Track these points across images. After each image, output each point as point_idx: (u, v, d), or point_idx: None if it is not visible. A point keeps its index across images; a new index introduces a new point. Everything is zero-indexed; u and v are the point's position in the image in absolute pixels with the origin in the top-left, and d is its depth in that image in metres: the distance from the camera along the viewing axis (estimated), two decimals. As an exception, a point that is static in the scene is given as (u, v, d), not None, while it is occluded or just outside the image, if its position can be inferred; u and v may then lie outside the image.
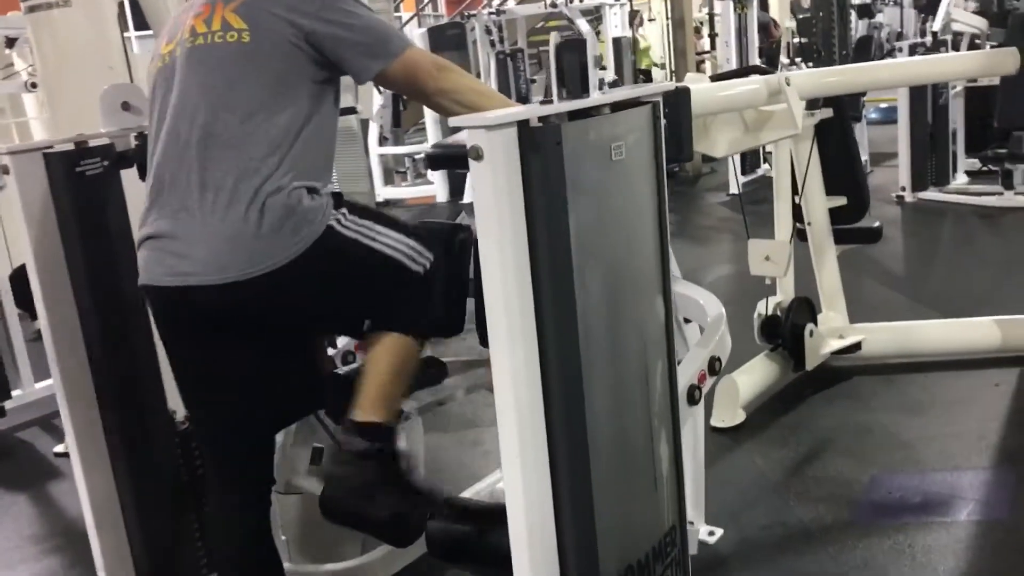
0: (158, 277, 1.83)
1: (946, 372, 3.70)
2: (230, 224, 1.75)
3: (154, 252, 1.84)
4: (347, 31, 1.80)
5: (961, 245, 6.10)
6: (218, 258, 1.75)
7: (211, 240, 1.76)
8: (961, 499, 2.76)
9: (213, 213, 1.76)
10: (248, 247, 1.74)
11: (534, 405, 1.49)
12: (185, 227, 1.79)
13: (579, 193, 1.46)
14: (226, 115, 1.78)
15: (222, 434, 2.03)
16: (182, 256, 1.78)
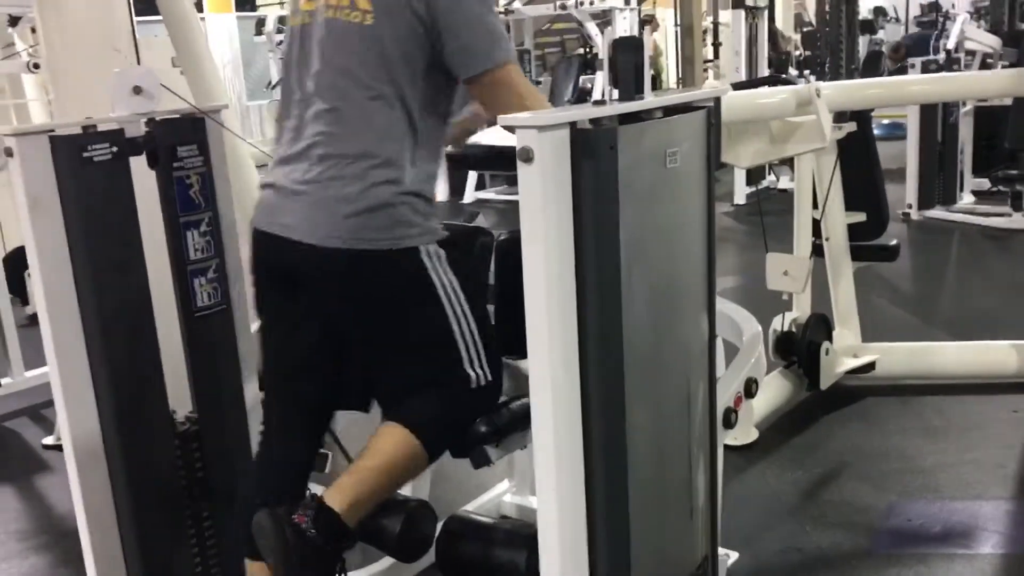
0: (264, 223, 1.95)
1: (962, 396, 3.62)
2: (334, 193, 1.82)
3: (270, 201, 1.95)
4: (463, 23, 1.79)
5: (970, 266, 6.03)
6: (313, 220, 1.84)
7: (315, 203, 1.85)
8: (983, 530, 2.68)
9: (324, 183, 1.84)
10: (340, 219, 1.81)
11: (572, 424, 1.40)
12: (297, 187, 1.88)
13: (631, 201, 1.36)
14: (355, 92, 1.85)
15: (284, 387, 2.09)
16: (287, 210, 1.89)
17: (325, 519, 1.78)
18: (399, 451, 1.86)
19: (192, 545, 2.33)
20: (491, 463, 2.01)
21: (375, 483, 1.85)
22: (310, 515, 1.77)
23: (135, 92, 2.21)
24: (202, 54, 3.62)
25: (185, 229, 2.22)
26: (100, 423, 2.14)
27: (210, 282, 2.28)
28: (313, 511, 1.78)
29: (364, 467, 1.86)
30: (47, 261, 2.05)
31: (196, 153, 2.22)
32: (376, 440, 1.89)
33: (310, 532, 1.75)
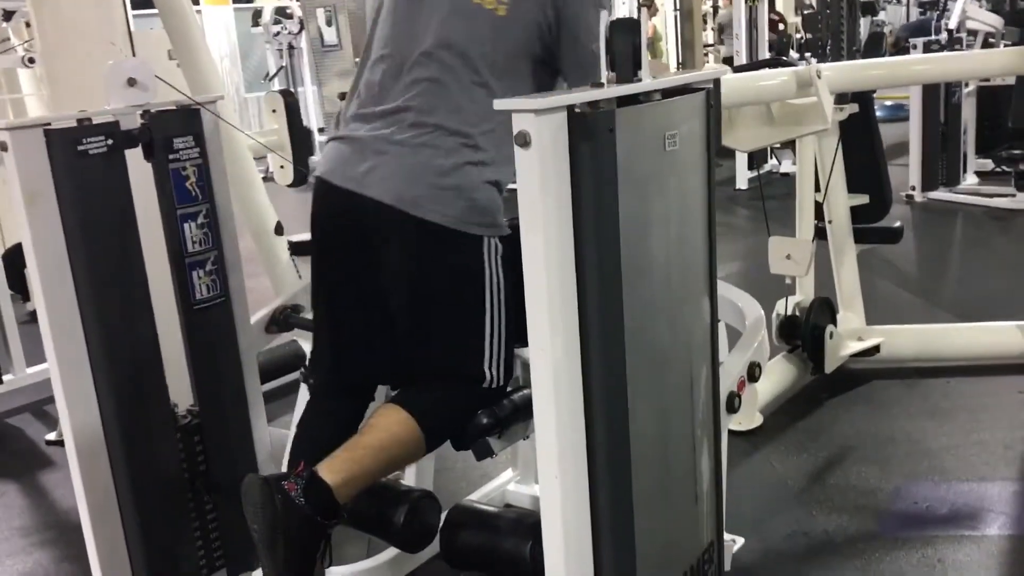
0: (338, 176, 1.96)
1: (967, 378, 3.60)
2: (424, 161, 1.86)
3: (343, 153, 1.97)
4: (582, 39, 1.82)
5: (974, 247, 6.00)
6: (395, 182, 1.87)
7: (401, 165, 1.87)
8: (991, 512, 2.67)
9: (414, 147, 1.87)
10: (424, 187, 1.85)
11: (574, 410, 1.39)
12: (382, 145, 1.90)
13: (630, 185, 1.35)
14: (463, 71, 1.87)
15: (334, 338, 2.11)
16: (367, 167, 1.90)
17: (316, 490, 1.76)
18: (398, 434, 1.86)
19: (196, 538, 2.32)
20: (494, 455, 2.00)
21: (370, 463, 1.84)
22: (301, 484, 1.75)
23: (130, 84, 2.19)
24: (198, 46, 3.59)
25: (182, 221, 2.20)
26: (101, 418, 2.13)
27: (208, 274, 2.26)
28: (305, 481, 1.76)
29: (361, 445, 1.86)
30: (44, 256, 2.03)
31: (192, 145, 2.20)
32: (376, 420, 1.89)
33: (299, 500, 1.74)
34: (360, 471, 1.82)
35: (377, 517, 2.02)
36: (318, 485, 1.76)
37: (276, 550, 1.72)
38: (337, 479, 1.78)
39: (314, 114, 10.69)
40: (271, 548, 1.72)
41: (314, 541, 1.78)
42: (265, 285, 4.01)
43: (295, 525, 1.73)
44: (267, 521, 1.72)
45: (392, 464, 1.91)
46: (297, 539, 1.74)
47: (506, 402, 1.93)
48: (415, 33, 1.93)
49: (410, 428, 1.86)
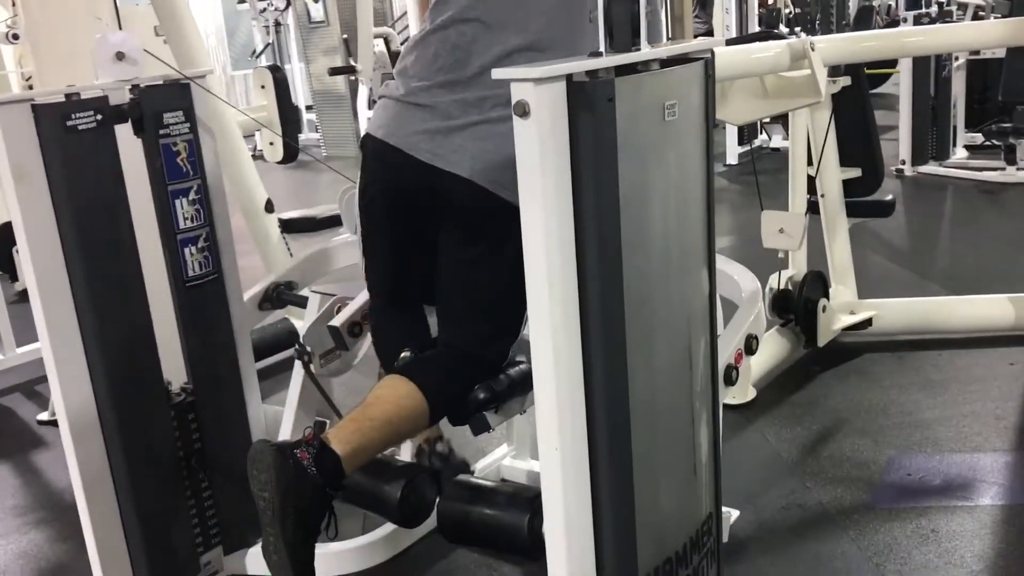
0: (395, 136, 1.92)
1: (959, 350, 3.61)
2: (478, 128, 1.84)
3: (401, 113, 1.93)
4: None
5: (964, 220, 6.02)
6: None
7: (455, 131, 1.85)
8: (983, 482, 2.68)
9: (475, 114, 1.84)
10: (498, 161, 1.80)
11: (574, 382, 1.38)
12: (443, 110, 1.87)
13: (630, 155, 1.33)
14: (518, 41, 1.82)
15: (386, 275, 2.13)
16: (424, 130, 1.88)
17: (327, 460, 1.76)
18: (404, 407, 1.86)
19: (191, 516, 2.32)
20: (491, 429, 2.00)
21: (377, 435, 1.84)
22: (312, 453, 1.75)
23: (118, 58, 2.16)
24: (185, 22, 3.55)
25: (174, 198, 2.18)
26: (94, 396, 2.12)
27: (201, 251, 2.25)
28: (316, 450, 1.76)
29: (368, 417, 1.85)
30: (34, 233, 2.01)
31: (183, 120, 2.18)
32: (383, 392, 1.89)
33: (311, 470, 1.74)
34: (367, 443, 1.82)
35: (374, 493, 2.02)
36: (329, 456, 1.76)
37: (286, 518, 1.72)
38: (346, 449, 1.78)
39: (302, 91, 10.61)
40: (281, 517, 1.71)
41: (322, 510, 1.78)
42: (256, 263, 3.99)
43: (306, 493, 1.73)
44: (279, 488, 1.71)
45: (398, 436, 1.92)
46: (307, 508, 1.74)
47: (503, 376, 1.93)
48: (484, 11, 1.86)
49: (417, 401, 1.86)
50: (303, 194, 7.54)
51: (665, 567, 1.53)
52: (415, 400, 1.86)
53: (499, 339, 1.94)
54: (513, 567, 2.43)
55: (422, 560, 2.50)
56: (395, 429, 1.88)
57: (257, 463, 1.75)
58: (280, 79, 3.85)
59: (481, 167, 1.84)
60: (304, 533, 1.75)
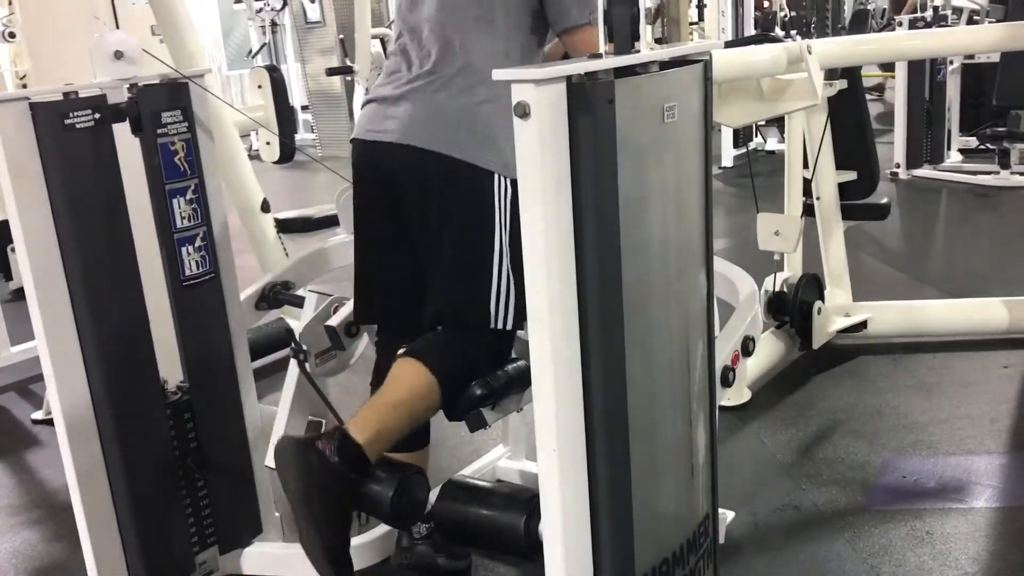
0: (367, 133, 2.08)
1: (953, 353, 3.62)
2: (437, 103, 1.97)
3: (370, 112, 2.10)
4: None
5: (959, 224, 6.04)
6: (412, 125, 1.98)
7: (415, 110, 1.99)
8: (978, 485, 2.69)
9: (430, 92, 1.98)
10: (437, 126, 1.95)
11: (572, 382, 1.38)
12: (404, 99, 2.02)
13: (629, 157, 1.34)
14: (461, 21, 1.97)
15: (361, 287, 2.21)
16: (390, 117, 2.02)
17: (348, 448, 1.81)
18: (415, 387, 1.91)
19: (187, 515, 2.31)
20: (487, 426, 2.00)
21: (394, 418, 1.90)
22: (334, 444, 1.81)
23: (116, 57, 2.16)
24: (183, 21, 3.55)
25: (171, 197, 2.18)
26: (91, 395, 2.11)
27: (198, 250, 2.25)
28: (337, 441, 1.81)
29: (383, 402, 1.92)
30: (31, 231, 2.01)
31: (180, 119, 2.18)
32: (394, 374, 1.94)
33: (333, 459, 1.79)
34: (385, 427, 1.88)
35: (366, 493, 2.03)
36: (350, 444, 1.83)
37: (313, 508, 1.77)
38: (366, 436, 1.84)
39: (297, 91, 10.60)
40: (308, 506, 1.77)
41: (348, 498, 1.84)
42: (252, 263, 3.98)
43: (331, 483, 1.79)
44: (303, 480, 1.77)
45: (415, 416, 1.96)
46: (335, 496, 1.79)
47: (500, 373, 1.93)
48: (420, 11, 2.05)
49: (427, 380, 1.91)
50: (299, 194, 7.55)
51: (662, 568, 1.54)
52: (424, 379, 1.91)
53: (470, 289, 1.96)
54: (509, 568, 2.43)
55: (418, 560, 2.49)
56: (411, 409, 1.93)
57: (281, 458, 1.82)
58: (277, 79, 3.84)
59: (405, 128, 1.98)
60: (334, 521, 1.81)
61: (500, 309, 1.95)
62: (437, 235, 2.01)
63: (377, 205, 2.12)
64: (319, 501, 1.77)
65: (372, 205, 2.14)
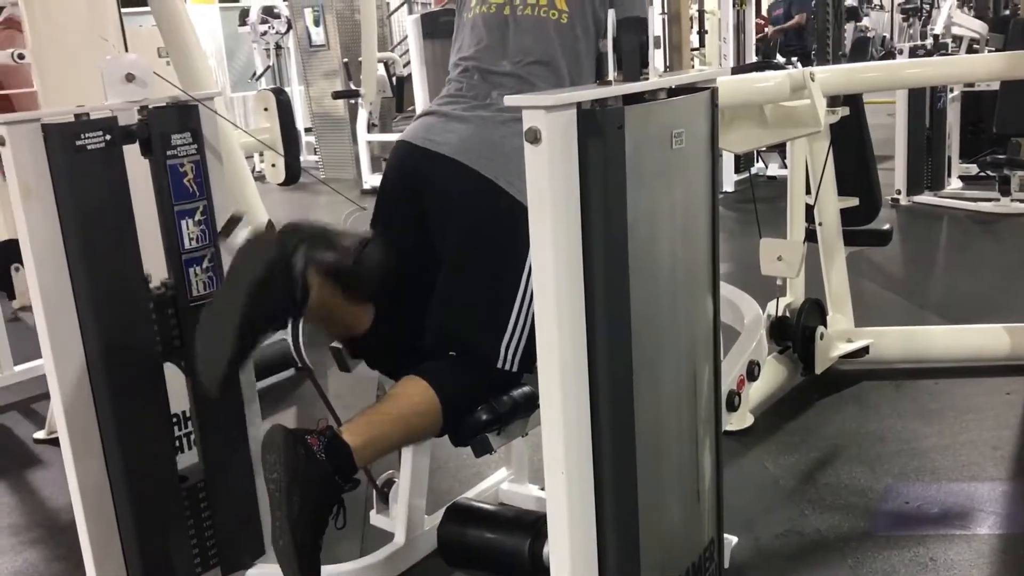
0: (416, 138, 2.13)
1: (955, 379, 3.63)
2: (501, 135, 2.01)
3: (429, 123, 2.15)
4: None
5: (960, 250, 6.06)
6: (470, 143, 2.04)
7: (476, 132, 2.05)
8: (981, 511, 2.69)
9: (496, 124, 2.03)
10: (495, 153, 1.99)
11: (580, 407, 1.39)
12: (468, 121, 2.08)
13: (638, 182, 1.35)
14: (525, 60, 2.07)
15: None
16: (447, 132, 2.08)
17: (336, 448, 1.80)
18: (417, 404, 1.91)
19: (191, 536, 2.31)
20: (492, 451, 2.01)
21: (389, 429, 1.89)
22: (323, 441, 1.79)
23: (127, 80, 2.18)
24: (190, 43, 3.58)
25: (180, 218, 2.20)
26: (96, 415, 2.12)
27: (205, 271, 2.26)
28: (327, 439, 1.80)
29: (380, 411, 1.92)
30: (40, 250, 2.02)
31: (190, 141, 2.20)
32: (397, 390, 1.94)
33: (320, 455, 1.77)
34: (380, 436, 1.87)
35: None
36: (339, 445, 1.81)
37: (292, 500, 1.74)
38: (357, 441, 1.83)
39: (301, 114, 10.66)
40: (288, 498, 1.74)
41: (329, 499, 1.81)
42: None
43: (314, 478, 1.76)
44: (287, 470, 1.74)
45: (411, 432, 1.96)
46: (314, 493, 1.76)
47: (506, 398, 1.94)
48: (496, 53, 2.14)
49: (429, 398, 1.91)
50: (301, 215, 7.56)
51: (668, 592, 1.54)
52: (427, 397, 1.91)
53: (486, 326, 1.97)
54: (512, 592, 2.42)
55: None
56: (407, 424, 1.92)
57: (269, 446, 1.79)
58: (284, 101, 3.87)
59: (465, 148, 2.02)
60: (311, 518, 1.77)
61: (510, 351, 1.96)
62: (463, 257, 2.02)
63: (405, 207, 2.15)
64: (299, 495, 1.74)
65: (400, 208, 2.17)
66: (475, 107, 2.07)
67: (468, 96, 2.11)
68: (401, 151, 2.17)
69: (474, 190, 1.97)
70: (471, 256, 1.99)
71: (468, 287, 2.00)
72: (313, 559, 1.78)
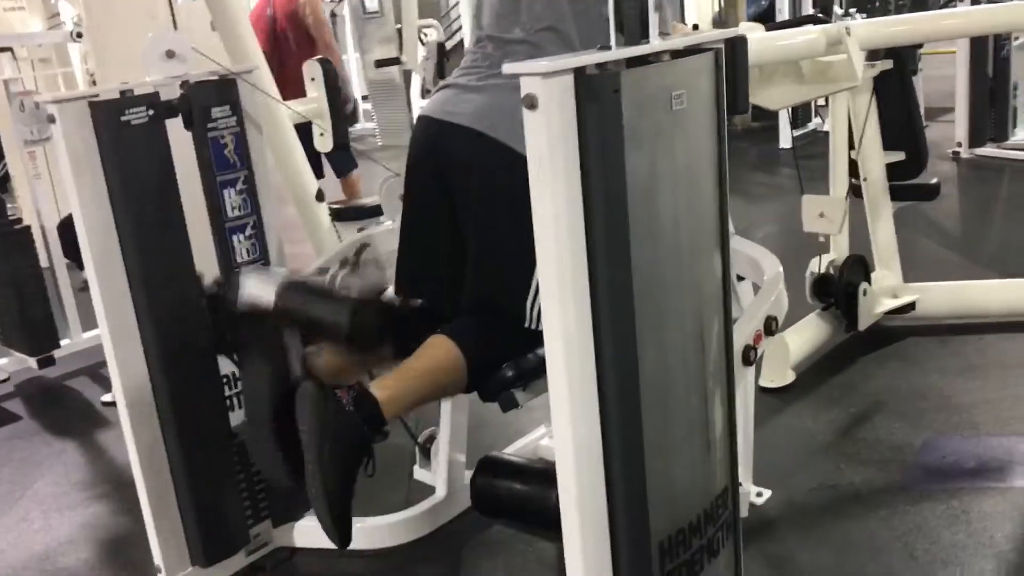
0: (435, 111, 2.17)
1: (1002, 334, 3.59)
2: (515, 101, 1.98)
3: (445, 95, 2.18)
4: None
5: (1019, 204, 5.91)
6: (487, 112, 2.05)
7: (493, 99, 2.05)
8: (1018, 464, 2.69)
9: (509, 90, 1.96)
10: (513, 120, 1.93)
11: (586, 362, 1.45)
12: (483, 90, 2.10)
13: (637, 144, 1.40)
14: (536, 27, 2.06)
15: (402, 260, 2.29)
16: (463, 102, 2.11)
17: (365, 401, 1.90)
18: (443, 361, 2.00)
19: (241, 490, 2.44)
20: (518, 406, 2.08)
21: (416, 384, 1.98)
22: (352, 395, 1.89)
23: (168, 56, 2.28)
24: (237, 17, 3.67)
25: (222, 188, 2.30)
26: (149, 376, 2.24)
27: (248, 238, 2.36)
28: (356, 392, 1.90)
29: (408, 368, 2.01)
30: (92, 223, 2.14)
31: (229, 114, 2.29)
32: (424, 348, 2.02)
33: (348, 408, 1.87)
34: (407, 390, 1.97)
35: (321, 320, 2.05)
36: (367, 397, 1.91)
37: (323, 450, 1.84)
38: (384, 395, 1.92)
39: (357, 82, 10.75)
40: (319, 448, 1.84)
41: (359, 449, 1.90)
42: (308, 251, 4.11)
43: (343, 429, 1.86)
44: (318, 421, 1.85)
45: (437, 388, 2.04)
46: (343, 443, 1.86)
47: (531, 356, 2.01)
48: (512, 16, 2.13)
49: (455, 356, 2.00)
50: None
51: (679, 536, 1.60)
52: (453, 355, 2.00)
53: (512, 286, 2.02)
54: (547, 544, 2.50)
55: (462, 535, 2.59)
56: (434, 379, 2.01)
57: (301, 399, 1.89)
58: (329, 71, 3.94)
59: (480, 116, 2.05)
60: (340, 467, 1.87)
61: (536, 310, 2.01)
62: (486, 221, 2.07)
63: (430, 181, 2.20)
64: (329, 447, 1.84)
65: (425, 180, 2.22)
66: (488, 76, 2.10)
67: (483, 66, 2.13)
68: (421, 126, 2.21)
69: (492, 156, 2.01)
70: (495, 221, 2.04)
71: (494, 251, 2.06)
72: (344, 505, 1.88)
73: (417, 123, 2.25)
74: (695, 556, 1.65)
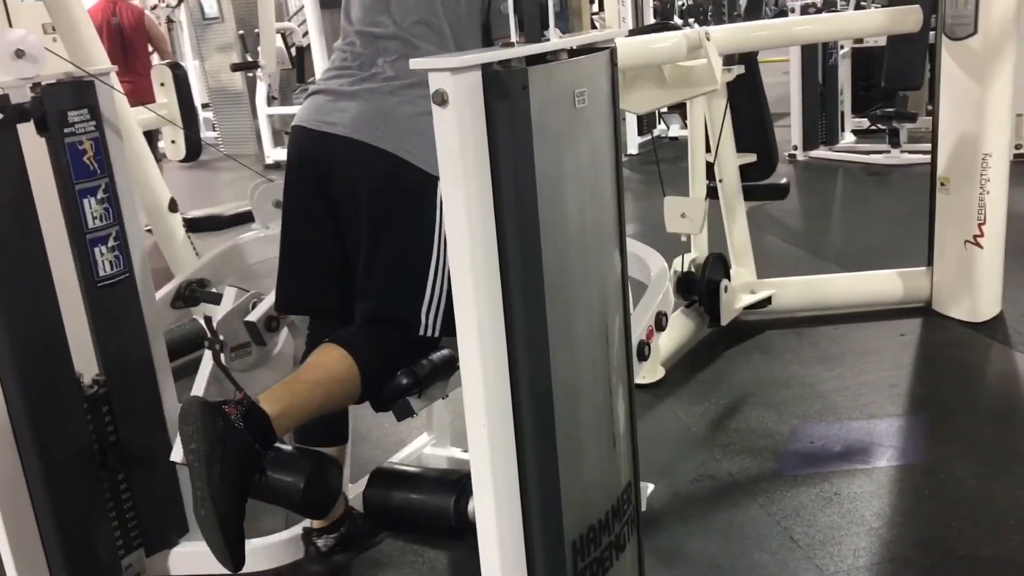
0: (310, 121, 2.08)
1: (853, 324, 3.80)
2: (391, 105, 1.98)
3: (318, 103, 2.09)
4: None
5: (854, 201, 6.29)
6: (365, 121, 1.98)
7: (369, 107, 1.99)
8: (880, 446, 2.84)
9: (384, 94, 1.99)
10: (390, 127, 1.96)
11: (499, 360, 1.43)
12: (357, 96, 2.02)
13: (545, 141, 1.39)
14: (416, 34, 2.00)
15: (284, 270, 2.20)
16: (340, 110, 2.02)
17: (255, 416, 1.79)
18: (335, 371, 1.92)
19: (111, 517, 2.29)
20: (414, 414, 2.03)
21: (308, 396, 1.89)
22: (241, 410, 1.78)
23: (17, 56, 2.12)
24: (79, 18, 3.47)
25: (82, 196, 2.15)
26: (5, 399, 2.08)
27: (112, 250, 2.22)
28: (244, 407, 1.79)
29: (298, 379, 1.92)
30: (-63, 236, 1.97)
31: (88, 118, 2.15)
32: (315, 358, 1.95)
33: (239, 424, 1.76)
34: (298, 403, 1.87)
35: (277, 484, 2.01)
36: (257, 413, 1.80)
37: (213, 470, 1.73)
38: (275, 409, 1.82)
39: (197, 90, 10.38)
40: (208, 468, 1.72)
41: (251, 467, 1.79)
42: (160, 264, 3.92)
43: (234, 447, 1.75)
44: (207, 440, 1.73)
45: (330, 399, 1.95)
46: (235, 461, 1.75)
47: (425, 362, 1.97)
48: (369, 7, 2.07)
49: (347, 365, 1.92)
50: (203, 193, 7.42)
51: (589, 534, 1.60)
52: (345, 364, 1.92)
53: (403, 293, 1.98)
54: (438, 552, 2.47)
55: (348, 550, 2.51)
56: (327, 390, 1.92)
57: (186, 416, 1.77)
58: (181, 76, 3.78)
59: (359, 125, 1.98)
60: (232, 487, 1.76)
61: (430, 317, 1.97)
62: (375, 232, 2.01)
63: (312, 194, 2.11)
64: (220, 465, 1.73)
65: (306, 194, 2.13)
66: (362, 79, 2.02)
67: (354, 67, 2.05)
68: (297, 137, 2.12)
69: (379, 166, 1.95)
70: (386, 230, 1.99)
71: (386, 260, 2.00)
72: (237, 528, 1.78)
73: (292, 132, 2.16)
74: (604, 553, 1.66)
